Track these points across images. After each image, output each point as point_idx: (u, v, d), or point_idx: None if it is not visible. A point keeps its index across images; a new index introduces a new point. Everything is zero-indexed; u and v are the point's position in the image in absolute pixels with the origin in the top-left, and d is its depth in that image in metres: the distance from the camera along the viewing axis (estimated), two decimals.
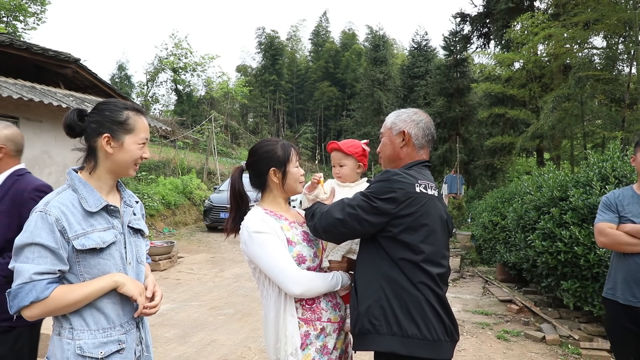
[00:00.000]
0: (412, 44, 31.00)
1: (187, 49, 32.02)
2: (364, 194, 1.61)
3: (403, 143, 1.75)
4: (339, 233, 1.61)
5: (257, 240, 1.60)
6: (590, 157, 4.71)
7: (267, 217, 1.68)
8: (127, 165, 1.50)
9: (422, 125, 1.77)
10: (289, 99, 43.77)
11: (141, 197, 11.77)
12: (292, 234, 1.69)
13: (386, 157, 1.82)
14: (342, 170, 2.00)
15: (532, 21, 11.16)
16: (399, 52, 44.99)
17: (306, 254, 1.67)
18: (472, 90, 18.13)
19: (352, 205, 1.58)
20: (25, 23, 23.28)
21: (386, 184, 1.58)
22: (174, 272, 7.68)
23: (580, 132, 10.66)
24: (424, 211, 1.58)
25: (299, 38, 48.41)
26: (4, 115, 6.19)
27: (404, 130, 1.75)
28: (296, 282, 1.55)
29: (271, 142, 1.79)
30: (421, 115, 1.80)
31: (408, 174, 1.62)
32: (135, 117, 1.52)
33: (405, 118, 1.78)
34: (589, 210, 4.09)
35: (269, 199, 1.79)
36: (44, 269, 1.30)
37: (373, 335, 1.51)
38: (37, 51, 6.47)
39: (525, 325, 4.82)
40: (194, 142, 23.75)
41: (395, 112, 1.84)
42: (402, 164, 1.76)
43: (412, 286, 1.52)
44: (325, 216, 1.62)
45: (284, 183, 1.74)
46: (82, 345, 1.36)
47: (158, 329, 4.62)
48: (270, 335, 1.63)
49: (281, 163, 1.73)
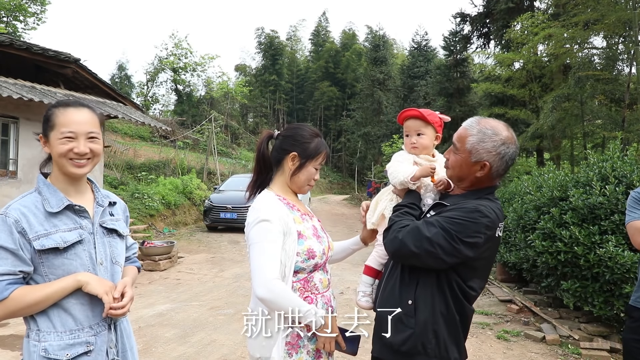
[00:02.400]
0: (412, 44, 31.02)
1: (187, 49, 32.06)
2: (447, 230, 1.45)
3: (480, 173, 1.55)
4: (409, 263, 1.56)
5: (260, 226, 1.55)
6: (590, 157, 4.71)
7: (281, 205, 1.62)
8: (59, 162, 1.44)
9: (507, 159, 1.54)
10: (289, 99, 43.76)
11: (141, 197, 11.77)
12: (303, 227, 1.64)
13: (456, 175, 1.62)
14: (420, 139, 1.77)
15: (532, 21, 11.15)
16: (399, 52, 44.96)
17: (316, 249, 1.63)
18: (472, 90, 18.13)
19: (431, 242, 1.45)
20: (25, 23, 23.28)
21: (474, 226, 1.45)
22: (174, 272, 7.68)
23: (580, 132, 10.65)
24: (494, 253, 1.59)
25: (298, 38, 48.45)
26: (4, 115, 6.19)
27: (486, 163, 1.53)
28: (264, 287, 1.46)
29: (311, 132, 1.73)
30: (510, 147, 1.53)
31: (495, 213, 1.51)
32: (59, 112, 1.44)
33: (490, 148, 1.52)
34: (589, 210, 4.09)
35: (280, 183, 1.73)
36: (4, 270, 1.31)
37: (422, 356, 1.53)
38: (37, 51, 6.47)
39: (525, 325, 4.81)
40: (194, 142, 23.75)
41: (479, 132, 1.54)
42: (479, 186, 1.61)
43: (461, 315, 1.57)
44: (400, 243, 1.50)
45: (295, 174, 1.68)
46: (47, 347, 1.35)
47: (158, 329, 4.62)
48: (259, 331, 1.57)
49: (306, 154, 1.67)
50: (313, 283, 1.63)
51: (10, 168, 6.30)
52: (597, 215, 4.04)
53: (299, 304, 1.49)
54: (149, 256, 7.87)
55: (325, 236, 1.75)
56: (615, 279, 3.78)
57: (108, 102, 7.73)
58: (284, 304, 1.47)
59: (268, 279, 1.47)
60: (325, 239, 1.73)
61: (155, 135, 22.67)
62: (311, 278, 1.63)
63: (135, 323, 4.83)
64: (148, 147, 20.30)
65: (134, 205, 11.30)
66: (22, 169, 6.36)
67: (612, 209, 3.94)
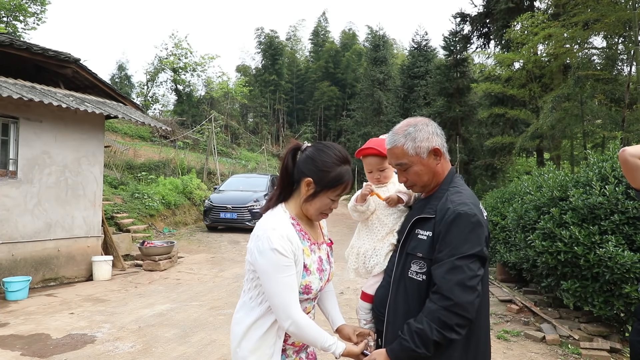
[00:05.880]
0: (412, 44, 30.93)
1: (187, 49, 32.07)
2: (462, 274, 1.40)
3: (438, 160, 1.62)
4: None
5: (273, 259, 1.43)
6: (590, 157, 4.71)
7: (294, 233, 1.51)
8: None
9: (439, 131, 1.64)
10: (289, 99, 43.74)
11: (141, 197, 11.77)
12: (310, 261, 1.55)
13: (424, 183, 1.64)
14: (383, 174, 1.83)
15: (532, 21, 11.16)
16: (399, 52, 44.94)
17: (314, 286, 1.56)
18: (472, 90, 18.13)
19: (463, 286, 1.39)
20: (25, 23, 23.28)
21: (477, 239, 1.46)
22: (174, 272, 7.68)
23: (580, 132, 10.65)
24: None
25: (298, 38, 48.42)
26: (4, 115, 6.19)
27: (436, 148, 1.60)
28: (292, 322, 1.45)
29: (336, 158, 1.55)
30: (430, 123, 1.65)
31: (476, 206, 1.52)
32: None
33: (425, 135, 1.59)
34: (589, 210, 4.09)
35: (296, 204, 1.60)
36: None
37: None
38: (37, 51, 6.47)
39: (525, 325, 4.81)
40: (194, 142, 23.76)
41: (404, 136, 1.60)
42: (441, 178, 1.65)
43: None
44: (449, 317, 1.40)
45: (308, 201, 1.55)
46: None
47: (158, 329, 4.62)
48: (244, 339, 1.54)
49: (323, 183, 1.52)
50: None
51: (10, 168, 6.30)
52: (597, 215, 4.04)
53: (324, 337, 1.49)
54: (149, 256, 7.87)
55: (328, 268, 1.68)
56: (615, 279, 3.78)
57: (108, 102, 7.72)
58: (309, 338, 1.48)
59: (295, 314, 1.45)
60: (327, 272, 1.66)
61: (155, 135, 22.67)
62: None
63: (135, 323, 4.84)
64: (148, 147, 20.30)
65: (134, 205, 11.30)
66: (22, 169, 6.35)
67: (612, 209, 3.94)
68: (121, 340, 4.30)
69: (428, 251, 1.52)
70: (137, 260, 8.26)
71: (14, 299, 5.79)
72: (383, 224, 1.81)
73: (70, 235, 7.02)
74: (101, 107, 7.09)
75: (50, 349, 4.07)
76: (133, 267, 8.08)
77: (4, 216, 6.14)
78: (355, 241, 1.88)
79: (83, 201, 7.22)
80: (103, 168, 7.84)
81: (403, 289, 1.58)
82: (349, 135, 34.66)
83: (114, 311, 5.32)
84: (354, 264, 1.85)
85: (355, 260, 1.84)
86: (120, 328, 4.67)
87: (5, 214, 6.16)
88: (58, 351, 4.03)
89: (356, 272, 1.84)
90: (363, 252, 1.81)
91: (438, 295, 1.41)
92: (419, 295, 1.53)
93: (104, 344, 4.19)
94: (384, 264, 1.74)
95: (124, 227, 10.01)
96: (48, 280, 6.72)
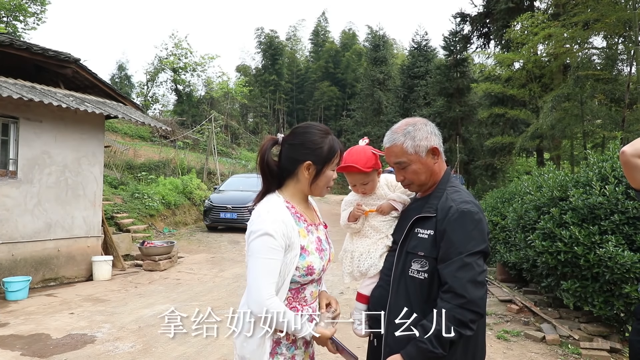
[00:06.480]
0: (412, 44, 30.96)
1: (187, 49, 32.07)
2: (472, 271, 1.43)
3: (436, 159, 1.66)
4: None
5: (262, 240, 1.47)
6: (590, 157, 4.70)
7: (288, 216, 1.53)
8: None
9: (437, 131, 1.68)
10: (289, 99, 43.76)
11: (141, 197, 11.77)
12: (307, 242, 1.57)
13: (422, 181, 1.66)
14: (366, 187, 1.81)
15: (532, 21, 11.16)
16: (399, 52, 44.98)
17: (316, 266, 1.57)
18: (472, 90, 18.14)
19: (477, 283, 1.42)
20: (25, 23, 23.29)
21: (481, 236, 1.49)
22: (174, 272, 7.68)
23: (580, 132, 10.66)
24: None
25: (298, 38, 48.47)
26: (4, 115, 6.19)
27: (434, 147, 1.64)
28: (260, 306, 1.45)
29: (321, 132, 1.60)
30: (428, 123, 1.68)
31: (476, 204, 1.55)
32: None
33: (424, 134, 1.62)
34: (588, 210, 4.08)
35: (292, 189, 1.63)
36: None
37: None
38: (37, 51, 6.46)
39: (525, 325, 4.81)
40: (194, 142, 23.76)
41: (404, 135, 1.63)
42: (438, 178, 1.68)
43: None
44: (461, 320, 1.41)
45: (313, 182, 1.59)
46: None
47: (158, 329, 4.62)
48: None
49: (321, 161, 1.57)
50: (303, 295, 1.60)
51: (10, 168, 6.30)
52: (597, 215, 4.04)
53: (293, 321, 1.47)
54: (149, 256, 7.87)
55: (328, 248, 1.69)
56: (615, 279, 3.78)
57: (108, 102, 7.72)
58: (278, 323, 1.46)
59: (264, 298, 1.45)
60: (327, 252, 1.67)
61: (155, 135, 22.67)
62: (303, 290, 1.60)
63: (135, 323, 4.84)
64: (148, 147, 20.29)
65: (134, 205, 11.30)
66: (22, 169, 6.35)
67: (612, 209, 3.94)
68: (121, 340, 4.30)
69: (430, 249, 1.52)
70: (137, 260, 8.25)
71: (14, 299, 5.79)
72: (377, 230, 1.80)
73: (70, 235, 7.02)
74: (101, 107, 7.09)
75: (50, 349, 4.07)
76: (133, 267, 8.08)
77: (4, 216, 6.14)
78: (349, 245, 1.87)
79: (83, 201, 7.22)
80: (103, 168, 7.83)
81: (404, 288, 1.58)
82: (349, 135, 34.68)
83: (114, 311, 5.32)
84: (348, 268, 1.83)
85: (349, 264, 1.82)
86: (120, 328, 4.67)
87: (5, 214, 6.16)
88: (58, 351, 4.03)
89: (351, 276, 1.83)
90: (357, 255, 1.79)
91: (451, 294, 1.43)
92: (421, 294, 1.53)
93: (104, 344, 4.19)
94: (379, 265, 1.72)
95: (124, 227, 10.01)
96: (48, 280, 6.72)
